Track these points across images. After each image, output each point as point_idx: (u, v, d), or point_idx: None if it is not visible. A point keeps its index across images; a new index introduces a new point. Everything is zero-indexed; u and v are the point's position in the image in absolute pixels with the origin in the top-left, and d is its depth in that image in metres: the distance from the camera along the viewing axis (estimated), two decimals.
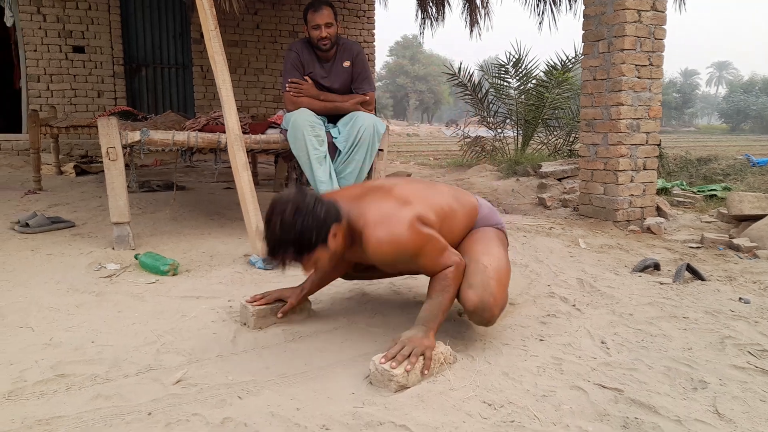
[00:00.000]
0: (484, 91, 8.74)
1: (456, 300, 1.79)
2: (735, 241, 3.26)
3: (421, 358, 1.59)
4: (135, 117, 4.41)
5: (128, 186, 3.03)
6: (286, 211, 1.57)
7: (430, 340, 1.64)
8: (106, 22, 7.32)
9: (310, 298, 2.12)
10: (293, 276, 2.61)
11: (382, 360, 1.56)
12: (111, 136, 2.90)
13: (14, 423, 1.35)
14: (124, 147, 2.97)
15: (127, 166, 3.04)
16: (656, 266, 2.82)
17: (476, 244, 1.91)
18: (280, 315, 1.99)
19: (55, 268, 2.61)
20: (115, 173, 2.93)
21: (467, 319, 1.91)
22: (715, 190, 4.96)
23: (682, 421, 1.39)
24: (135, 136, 2.95)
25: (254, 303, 1.99)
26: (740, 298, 2.36)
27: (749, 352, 1.81)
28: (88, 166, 6.15)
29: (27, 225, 3.26)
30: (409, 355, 1.58)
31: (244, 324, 1.99)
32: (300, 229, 1.56)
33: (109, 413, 1.40)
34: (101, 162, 5.55)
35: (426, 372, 1.59)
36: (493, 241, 1.94)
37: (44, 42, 7.05)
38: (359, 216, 1.70)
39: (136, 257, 2.70)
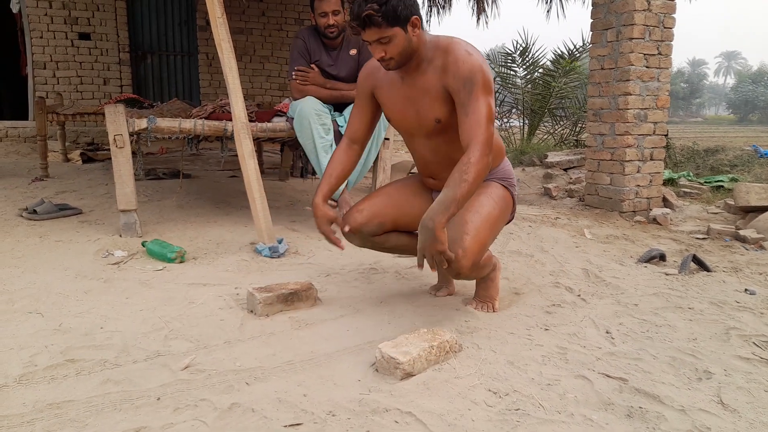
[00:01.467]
0: None
1: None
2: (741, 232, 3.25)
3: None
4: (141, 104, 4.41)
5: (135, 174, 3.05)
6: None
7: (442, 235, 1.62)
8: (111, 9, 7.30)
9: (316, 285, 2.14)
10: (298, 264, 2.63)
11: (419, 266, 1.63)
12: (118, 124, 2.90)
13: (25, 407, 1.37)
14: (131, 134, 2.97)
15: (133, 153, 3.05)
16: (662, 257, 2.82)
17: (473, 200, 1.89)
18: (347, 228, 1.98)
19: (64, 255, 2.63)
20: (122, 160, 2.93)
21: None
22: (722, 181, 4.93)
23: (687, 410, 1.40)
24: (142, 123, 2.95)
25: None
26: (746, 290, 2.36)
27: (754, 343, 1.81)
28: (95, 153, 6.17)
29: (35, 212, 3.28)
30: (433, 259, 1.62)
31: (251, 311, 2.00)
32: None
33: (119, 398, 1.42)
34: (107, 149, 5.55)
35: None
36: (490, 201, 1.92)
37: (50, 29, 7.04)
38: (440, 43, 1.80)
39: (143, 244, 2.71)
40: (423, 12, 8.68)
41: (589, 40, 4.33)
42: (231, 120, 3.05)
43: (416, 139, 1.98)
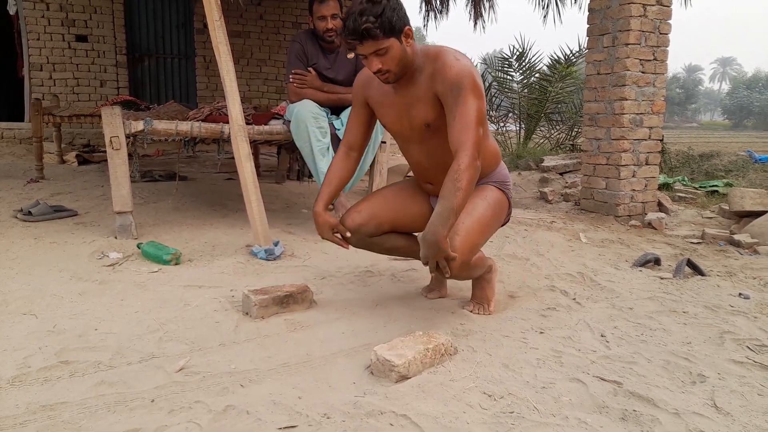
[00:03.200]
0: (487, 84, 8.72)
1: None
2: (736, 237, 3.27)
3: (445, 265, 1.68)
4: (138, 107, 4.41)
5: (131, 175, 3.04)
6: None
7: (443, 244, 1.65)
8: (109, 11, 7.30)
9: (312, 288, 2.14)
10: (294, 267, 2.63)
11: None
12: (115, 125, 2.90)
13: (18, 408, 1.37)
14: (127, 136, 2.97)
15: (130, 155, 3.05)
16: (657, 261, 2.83)
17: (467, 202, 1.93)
18: (348, 235, 1.99)
19: (58, 257, 2.62)
20: (118, 162, 2.93)
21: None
22: (716, 186, 4.95)
23: (681, 414, 1.40)
24: (138, 125, 2.95)
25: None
26: (740, 294, 2.37)
27: (748, 347, 1.82)
28: (90, 155, 6.15)
29: (30, 213, 3.27)
30: (437, 266, 1.67)
31: (247, 313, 2.00)
32: (384, 6, 1.68)
33: (113, 400, 1.42)
34: (103, 151, 5.54)
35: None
36: (484, 203, 1.94)
37: (47, 31, 7.03)
38: (430, 52, 1.83)
39: (138, 246, 2.71)
40: (420, 16, 8.71)
41: (585, 45, 4.35)
42: (228, 122, 3.05)
43: (410, 145, 2.00)
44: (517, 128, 8.52)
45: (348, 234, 2.00)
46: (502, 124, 8.61)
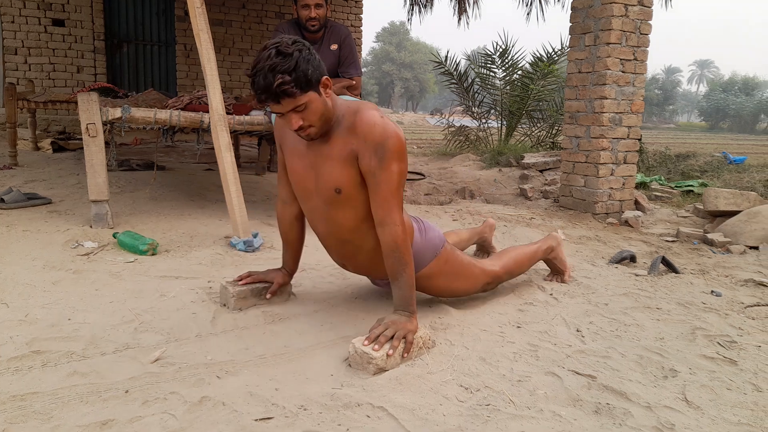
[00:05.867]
0: (469, 80, 8.74)
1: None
2: (709, 236, 3.34)
3: (403, 341, 1.61)
4: (115, 94, 4.32)
5: (107, 164, 2.99)
6: (283, 42, 1.53)
7: (413, 324, 1.66)
8: None
9: (291, 280, 2.13)
10: (273, 259, 2.61)
11: (365, 342, 1.57)
12: (91, 112, 2.84)
13: None
14: (104, 124, 2.91)
15: (106, 143, 2.99)
16: (632, 258, 2.87)
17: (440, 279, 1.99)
18: (269, 296, 1.99)
19: (31, 245, 2.57)
20: (94, 150, 2.88)
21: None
22: (692, 185, 5.05)
23: (652, 407, 1.43)
24: (116, 112, 2.89)
25: (239, 282, 1.98)
26: (712, 291, 2.42)
27: (718, 343, 1.86)
28: (66, 142, 6.03)
29: (2, 201, 3.19)
30: (391, 338, 1.59)
31: (224, 305, 1.98)
32: (297, 59, 1.52)
33: (86, 390, 1.39)
34: (79, 139, 5.44)
35: (406, 355, 1.60)
36: (447, 274, 1.98)
37: (22, 14, 6.86)
38: (351, 105, 1.69)
39: (114, 236, 2.66)
40: (405, 11, 8.70)
41: (567, 44, 4.39)
42: (208, 112, 3.01)
43: (312, 208, 1.81)
44: (499, 125, 8.57)
45: (268, 296, 2.01)
46: (484, 121, 8.65)
